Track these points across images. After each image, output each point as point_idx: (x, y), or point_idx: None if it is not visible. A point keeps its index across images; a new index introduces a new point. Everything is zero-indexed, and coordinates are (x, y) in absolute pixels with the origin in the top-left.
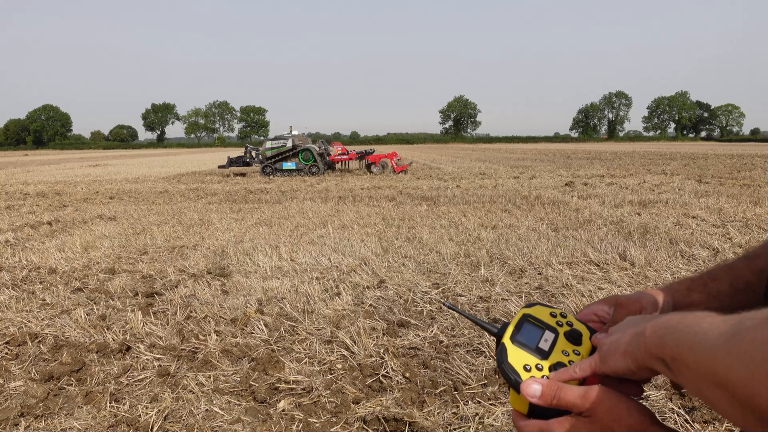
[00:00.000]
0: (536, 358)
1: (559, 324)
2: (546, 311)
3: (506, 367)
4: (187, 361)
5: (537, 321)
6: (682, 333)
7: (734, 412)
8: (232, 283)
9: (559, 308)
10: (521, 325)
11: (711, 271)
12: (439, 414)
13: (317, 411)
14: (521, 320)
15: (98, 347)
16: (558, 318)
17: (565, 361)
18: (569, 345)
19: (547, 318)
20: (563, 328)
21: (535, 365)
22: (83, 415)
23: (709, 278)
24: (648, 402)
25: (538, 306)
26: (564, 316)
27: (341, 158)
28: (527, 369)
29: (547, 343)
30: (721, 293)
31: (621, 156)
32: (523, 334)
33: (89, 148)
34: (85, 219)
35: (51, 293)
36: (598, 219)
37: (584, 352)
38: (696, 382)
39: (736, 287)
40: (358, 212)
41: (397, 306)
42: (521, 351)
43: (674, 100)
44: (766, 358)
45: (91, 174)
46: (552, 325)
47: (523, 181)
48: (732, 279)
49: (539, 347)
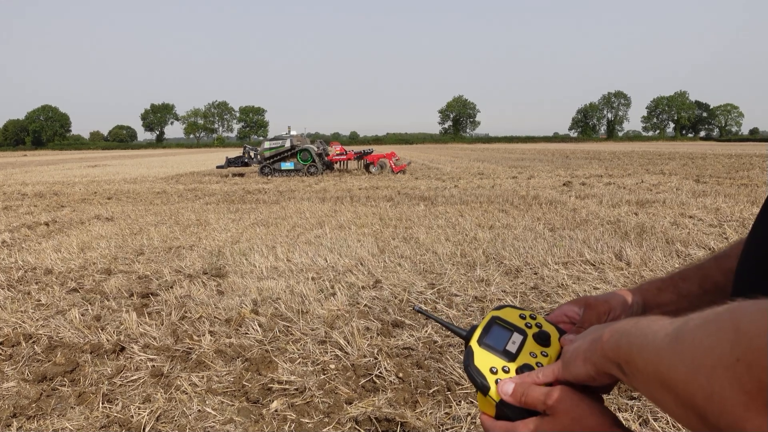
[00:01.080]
0: (503, 361)
1: (528, 326)
2: (515, 313)
3: (472, 370)
4: (181, 361)
5: (505, 323)
6: (634, 336)
7: (680, 413)
8: (227, 284)
9: (529, 310)
10: (489, 328)
11: (681, 271)
12: (431, 414)
13: (310, 411)
14: (489, 323)
15: (92, 348)
16: (527, 320)
17: (533, 363)
18: (538, 346)
19: (516, 320)
20: (532, 330)
21: (501, 367)
22: (75, 415)
23: (680, 278)
24: (641, 402)
25: (508, 308)
26: (533, 318)
27: (339, 158)
28: (493, 371)
29: (515, 345)
30: (690, 294)
31: (620, 156)
32: (490, 337)
33: (88, 149)
34: (82, 219)
35: (46, 294)
36: (595, 219)
37: (552, 354)
38: (647, 384)
39: (705, 288)
40: (356, 212)
41: (392, 306)
42: (488, 353)
43: (673, 100)
44: (706, 357)
45: (89, 174)
46: (521, 327)
47: (521, 181)
48: (701, 279)
49: (506, 349)
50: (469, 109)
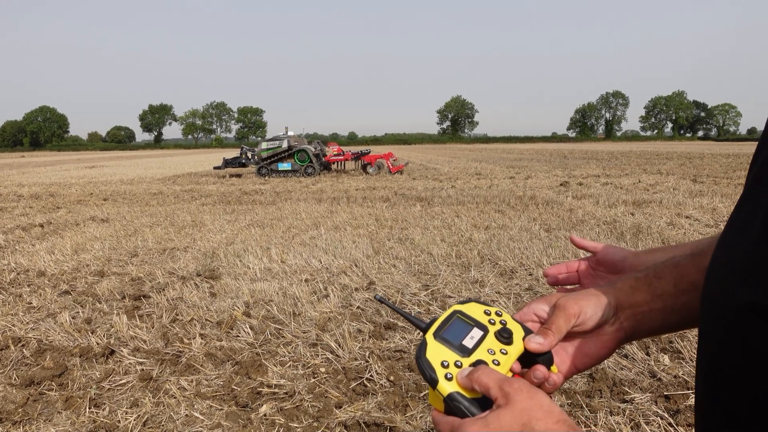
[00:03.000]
0: (457, 355)
1: (491, 322)
2: (480, 309)
3: (423, 362)
4: (170, 365)
5: (467, 318)
6: None
7: None
8: (220, 286)
9: (495, 307)
10: (448, 321)
11: (656, 269)
12: (421, 418)
13: (299, 415)
14: (450, 316)
15: (81, 351)
16: (492, 316)
17: (489, 360)
18: (498, 344)
19: (479, 315)
20: (495, 327)
21: (454, 362)
22: (62, 420)
23: (654, 276)
24: (633, 405)
25: (473, 303)
26: (499, 315)
27: (337, 159)
28: (444, 365)
29: (472, 340)
30: (665, 293)
31: (617, 156)
32: (448, 331)
33: (86, 150)
34: (77, 221)
35: (38, 296)
36: (591, 219)
37: (513, 353)
38: None
39: (680, 287)
40: (352, 213)
41: (385, 308)
42: (442, 347)
43: (671, 100)
44: None
45: (86, 176)
46: (483, 322)
47: (518, 182)
48: (676, 278)
49: (463, 344)
50: (467, 109)
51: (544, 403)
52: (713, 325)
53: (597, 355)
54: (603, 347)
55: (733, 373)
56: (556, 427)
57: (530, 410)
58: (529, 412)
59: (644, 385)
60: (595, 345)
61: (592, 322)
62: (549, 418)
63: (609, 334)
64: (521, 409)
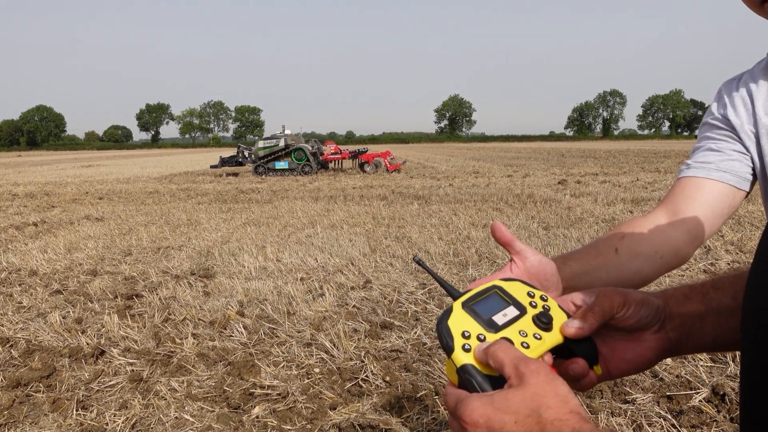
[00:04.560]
0: (482, 328)
1: (532, 305)
2: (524, 289)
3: (442, 328)
4: (161, 365)
5: (505, 295)
6: None
7: None
8: (214, 285)
9: (542, 291)
10: (484, 294)
11: (714, 280)
12: (417, 420)
13: (292, 417)
14: (488, 290)
15: (71, 352)
16: (535, 299)
17: (518, 341)
18: (534, 328)
19: (520, 295)
20: (535, 310)
21: (477, 334)
22: (48, 423)
23: (712, 287)
24: (635, 406)
25: (517, 282)
26: (544, 299)
27: (334, 157)
28: (465, 336)
29: (505, 317)
30: (721, 306)
31: (615, 154)
32: (481, 303)
33: (83, 149)
34: (71, 220)
35: (29, 296)
36: (589, 217)
37: (549, 341)
38: None
39: (739, 301)
40: (349, 211)
41: (381, 307)
42: (468, 317)
43: (668, 99)
44: None
45: (82, 174)
46: (522, 303)
47: (516, 180)
48: (736, 291)
49: (492, 319)
50: (465, 108)
51: (560, 390)
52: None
53: (635, 362)
54: (642, 355)
55: None
56: (567, 417)
57: (543, 396)
58: (541, 397)
59: (646, 386)
60: (634, 351)
61: (633, 319)
62: (562, 408)
63: (651, 341)
64: (533, 393)
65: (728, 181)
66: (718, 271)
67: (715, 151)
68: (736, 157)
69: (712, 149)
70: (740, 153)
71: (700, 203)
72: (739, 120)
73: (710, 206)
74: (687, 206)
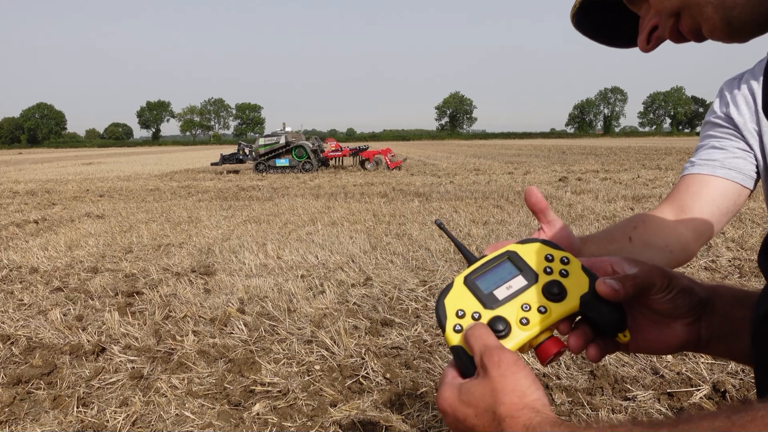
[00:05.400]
0: (479, 306)
1: (547, 271)
2: (542, 252)
3: (439, 306)
4: (162, 362)
5: (518, 262)
6: None
7: None
8: (215, 282)
9: (565, 252)
10: (494, 263)
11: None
12: (418, 417)
13: (293, 414)
14: (500, 257)
15: (72, 349)
16: (554, 263)
17: (516, 318)
18: (541, 299)
19: (535, 260)
20: (549, 277)
21: (471, 313)
22: (49, 420)
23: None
24: (635, 403)
25: (537, 244)
26: (565, 262)
27: (335, 155)
28: (460, 315)
29: (508, 290)
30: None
31: (616, 151)
32: (485, 275)
33: (84, 147)
34: (72, 217)
35: (29, 293)
36: (590, 214)
37: (557, 312)
38: None
39: None
40: (349, 209)
41: (382, 304)
42: (467, 293)
43: (670, 96)
44: None
45: (83, 172)
46: (535, 270)
47: (517, 177)
48: None
49: (493, 294)
50: (465, 105)
51: (518, 385)
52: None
53: (655, 345)
54: (665, 341)
55: None
56: (519, 414)
57: (500, 391)
58: (497, 393)
59: (647, 383)
60: (659, 334)
61: (669, 305)
62: (517, 403)
63: (680, 331)
64: (492, 388)
65: (734, 178)
66: (719, 268)
67: (719, 149)
68: (740, 155)
69: (716, 147)
70: (744, 151)
71: (706, 201)
72: (742, 118)
73: (716, 204)
74: (693, 203)
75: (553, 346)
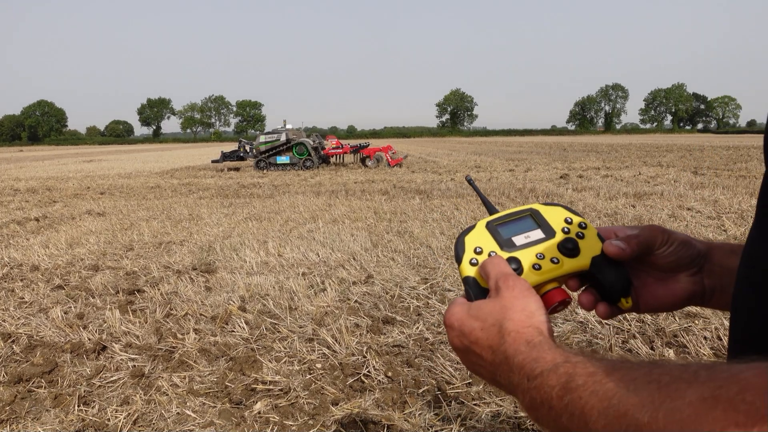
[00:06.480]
0: (496, 246)
1: (565, 231)
2: (562, 215)
3: (458, 242)
4: (163, 361)
5: (539, 219)
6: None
7: None
8: (216, 280)
9: (584, 218)
10: (517, 215)
11: None
12: (420, 415)
13: (294, 413)
14: (523, 212)
15: (72, 347)
16: (571, 226)
17: (529, 262)
18: (555, 252)
19: (555, 221)
20: (566, 235)
21: (488, 251)
22: (50, 419)
23: None
24: None
25: (558, 208)
26: (582, 227)
27: (335, 152)
28: (477, 251)
29: (526, 239)
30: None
31: (617, 148)
32: (508, 224)
33: (84, 144)
34: (73, 215)
35: (30, 291)
36: (592, 211)
37: (567, 266)
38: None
39: None
40: (350, 206)
41: (383, 302)
42: (487, 235)
43: (671, 93)
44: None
45: (84, 169)
46: (553, 228)
47: (518, 174)
48: None
49: (512, 239)
50: (466, 102)
51: (528, 306)
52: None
53: (665, 300)
54: (674, 294)
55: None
56: (525, 330)
57: (510, 309)
58: (508, 310)
59: None
60: (667, 289)
61: (673, 257)
62: (524, 321)
63: (685, 283)
64: (502, 306)
65: None
66: None
67: None
68: None
69: None
70: None
71: None
72: None
73: None
74: None
75: (559, 294)
